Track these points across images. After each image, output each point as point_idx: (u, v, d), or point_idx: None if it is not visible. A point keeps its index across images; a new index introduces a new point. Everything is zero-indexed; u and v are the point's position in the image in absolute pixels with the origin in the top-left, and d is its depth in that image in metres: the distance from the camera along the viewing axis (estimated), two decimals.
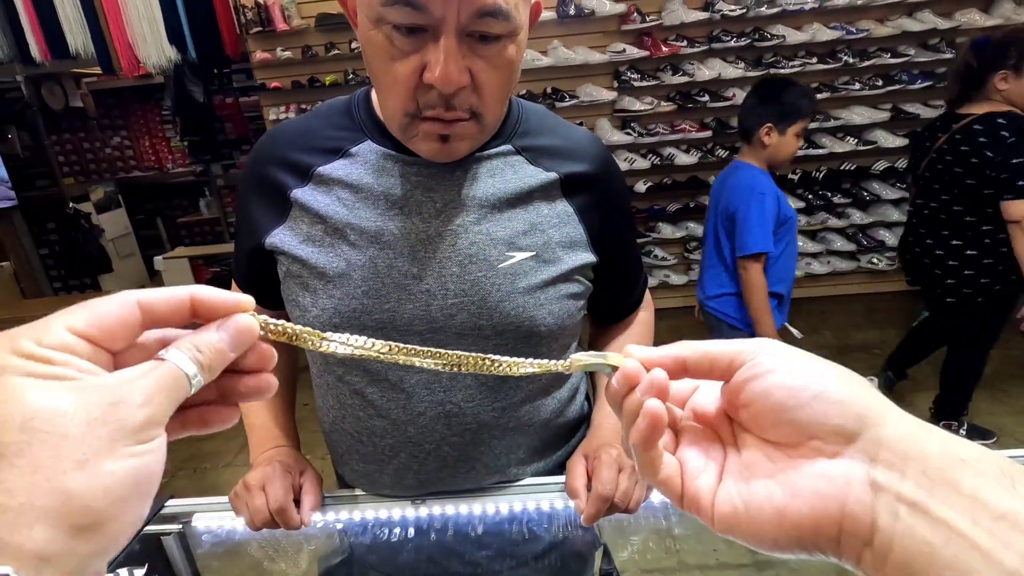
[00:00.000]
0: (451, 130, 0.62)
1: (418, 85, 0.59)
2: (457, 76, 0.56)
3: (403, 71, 0.58)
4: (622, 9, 3.33)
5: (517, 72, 0.64)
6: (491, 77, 0.60)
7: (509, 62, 0.60)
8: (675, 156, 3.55)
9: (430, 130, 0.62)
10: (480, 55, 0.58)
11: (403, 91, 0.59)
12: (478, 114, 0.62)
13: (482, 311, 0.69)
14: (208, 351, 0.27)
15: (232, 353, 0.28)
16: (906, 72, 3.43)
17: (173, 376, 0.26)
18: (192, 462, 2.69)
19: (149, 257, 5.53)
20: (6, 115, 4.97)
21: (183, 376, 0.26)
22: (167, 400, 0.25)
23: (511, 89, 0.64)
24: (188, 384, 0.26)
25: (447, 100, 0.59)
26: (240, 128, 5.15)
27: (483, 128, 0.65)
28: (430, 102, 0.60)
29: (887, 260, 3.73)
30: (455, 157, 0.67)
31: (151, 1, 3.35)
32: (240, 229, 0.80)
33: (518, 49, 0.61)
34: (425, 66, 0.57)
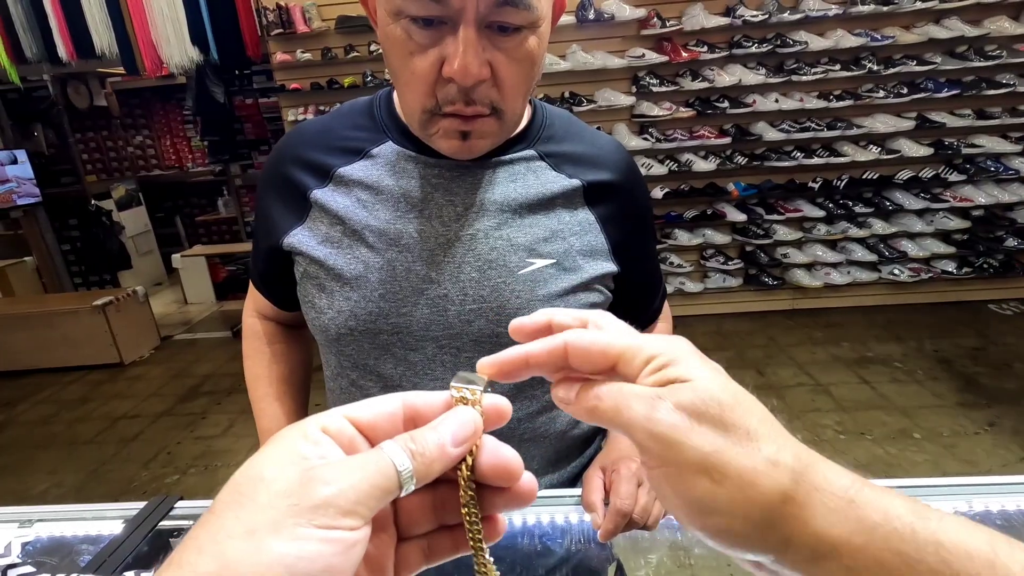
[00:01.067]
0: (471, 126, 0.61)
1: (437, 80, 0.57)
2: (476, 68, 0.55)
3: (422, 66, 0.57)
4: (642, 14, 3.31)
5: (539, 66, 0.61)
6: (511, 70, 0.58)
7: (530, 55, 0.58)
8: (693, 162, 3.52)
9: (450, 127, 0.61)
10: (500, 47, 0.56)
11: (422, 86, 0.58)
12: (498, 109, 0.60)
13: (500, 318, 0.67)
14: (423, 445, 0.25)
15: (453, 449, 0.25)
16: (932, 80, 3.37)
17: (380, 464, 0.24)
18: (203, 459, 2.70)
19: (167, 254, 5.62)
20: (33, 113, 5.08)
21: (391, 466, 0.24)
22: (368, 489, 0.23)
23: (532, 84, 0.62)
24: (396, 476, 0.24)
25: (466, 94, 0.57)
26: (259, 129, 5.21)
27: (503, 124, 0.63)
28: (449, 97, 0.58)
29: (909, 271, 3.65)
30: (476, 154, 0.65)
31: (175, 3, 3.40)
32: (258, 228, 0.79)
33: (539, 42, 0.59)
34: (444, 60, 0.56)
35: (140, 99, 6.37)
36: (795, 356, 3.24)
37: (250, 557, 0.20)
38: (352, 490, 0.22)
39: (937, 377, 2.90)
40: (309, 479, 0.22)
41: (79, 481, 2.61)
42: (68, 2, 3.41)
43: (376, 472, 0.23)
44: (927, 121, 3.40)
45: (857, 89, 3.42)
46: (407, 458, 0.24)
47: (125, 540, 0.74)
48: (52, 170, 5.17)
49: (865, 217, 3.63)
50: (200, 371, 3.70)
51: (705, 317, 3.82)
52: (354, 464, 0.23)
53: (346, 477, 0.22)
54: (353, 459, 0.24)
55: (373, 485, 0.23)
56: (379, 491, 0.23)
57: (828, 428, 2.55)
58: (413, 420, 0.27)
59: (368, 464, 0.23)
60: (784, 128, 3.45)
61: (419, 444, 0.25)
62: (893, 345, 3.26)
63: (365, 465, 0.23)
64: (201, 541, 0.21)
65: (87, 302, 3.76)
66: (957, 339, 3.27)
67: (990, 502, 0.71)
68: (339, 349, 0.72)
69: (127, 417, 3.17)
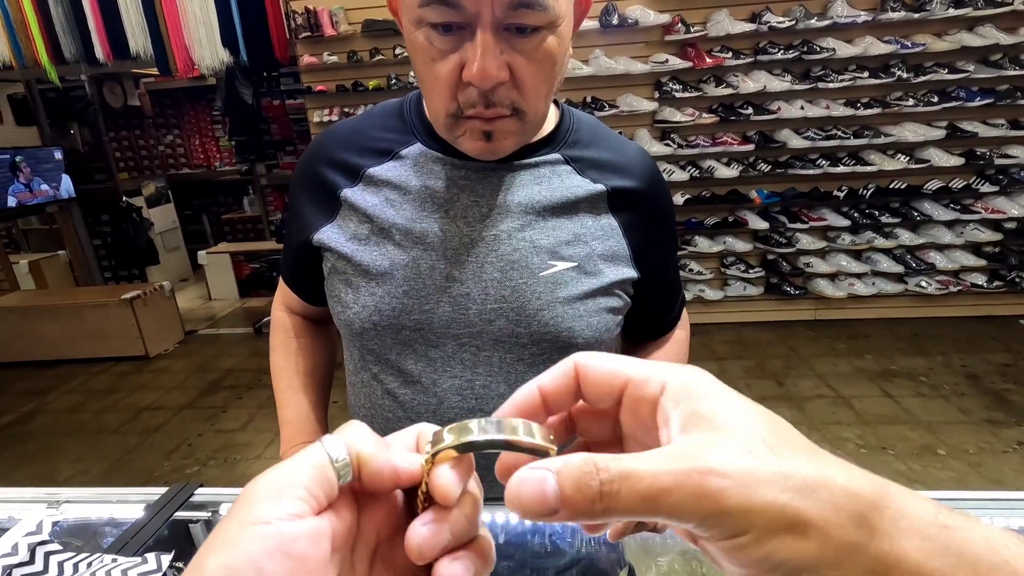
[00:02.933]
0: (493, 127, 0.62)
1: (458, 84, 0.59)
2: (495, 72, 0.56)
3: (443, 71, 0.58)
4: (666, 19, 3.30)
5: (560, 66, 0.61)
6: (531, 71, 0.58)
7: (550, 54, 0.58)
8: (715, 169, 3.49)
9: (473, 128, 0.62)
10: (519, 49, 0.57)
11: (444, 91, 0.59)
12: (520, 110, 0.61)
13: (520, 318, 0.68)
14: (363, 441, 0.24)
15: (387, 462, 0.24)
16: (964, 89, 3.29)
17: (312, 452, 0.23)
18: (223, 452, 2.76)
19: (194, 251, 5.75)
20: (70, 112, 5.25)
21: (323, 452, 0.23)
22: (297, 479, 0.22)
23: (554, 83, 0.63)
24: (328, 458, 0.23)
25: (486, 97, 0.58)
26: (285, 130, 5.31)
27: (526, 124, 0.63)
28: (470, 100, 0.59)
29: (937, 284, 3.56)
30: (500, 155, 0.66)
31: (208, 6, 3.50)
32: (290, 225, 0.81)
33: (559, 41, 0.59)
34: (464, 65, 0.57)
35: (172, 99, 6.54)
36: (816, 367, 3.18)
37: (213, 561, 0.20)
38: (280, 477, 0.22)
39: (964, 393, 2.82)
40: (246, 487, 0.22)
41: (104, 469, 2.68)
42: (106, 5, 3.53)
43: (306, 456, 0.23)
44: (958, 130, 3.32)
45: (886, 97, 3.36)
46: (339, 442, 0.23)
47: (147, 524, 0.76)
48: (86, 167, 5.34)
49: (892, 227, 3.55)
50: (222, 366, 3.78)
51: (724, 325, 3.77)
52: (289, 460, 0.23)
53: (276, 470, 0.22)
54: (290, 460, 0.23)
55: (303, 467, 0.22)
56: (311, 471, 0.22)
57: (849, 442, 2.50)
58: None
59: (302, 453, 0.23)
60: (809, 136, 3.40)
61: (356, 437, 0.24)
62: (918, 359, 3.19)
63: (299, 455, 0.23)
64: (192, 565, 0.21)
65: (116, 296, 3.87)
66: (986, 354, 3.18)
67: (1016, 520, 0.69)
68: (362, 344, 0.74)
69: (151, 408, 3.25)
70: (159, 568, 0.65)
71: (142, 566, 0.64)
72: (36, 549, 0.66)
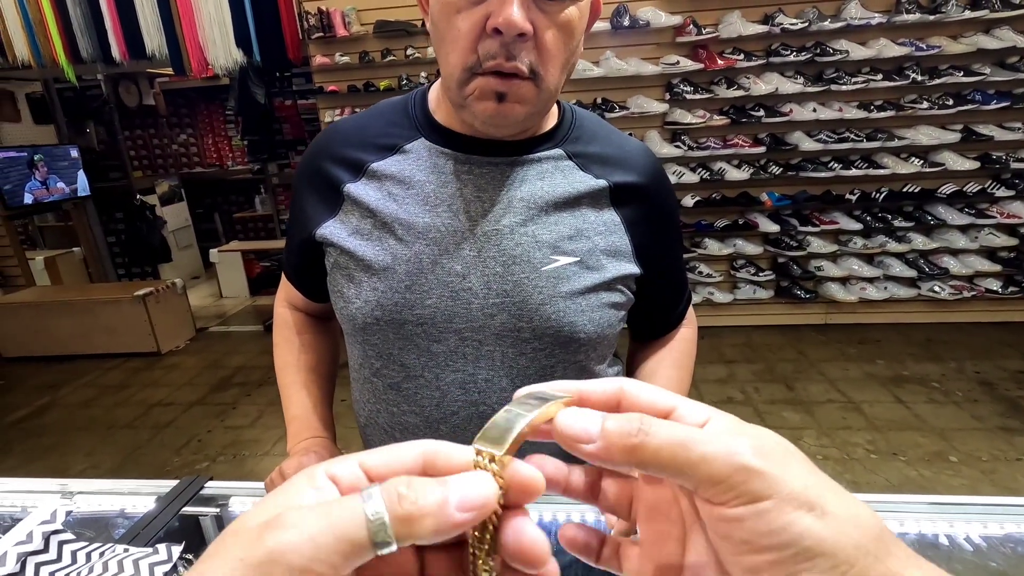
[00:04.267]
0: (508, 86, 0.61)
1: (480, 36, 0.60)
2: (521, 20, 0.57)
3: (466, 24, 0.59)
4: (678, 21, 3.29)
5: (577, 42, 0.63)
6: (552, 35, 0.60)
7: (570, 24, 0.60)
8: (726, 171, 3.47)
9: (486, 86, 0.62)
10: (543, 10, 0.59)
11: (465, 43, 0.60)
12: (537, 73, 0.61)
13: (522, 313, 0.69)
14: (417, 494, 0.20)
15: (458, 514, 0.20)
16: (980, 92, 3.25)
17: (350, 510, 0.19)
18: (233, 448, 2.78)
19: (205, 249, 5.81)
20: (87, 111, 5.33)
21: (362, 515, 0.19)
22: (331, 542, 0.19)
23: (569, 59, 0.64)
24: (364, 527, 0.19)
25: (508, 49, 0.59)
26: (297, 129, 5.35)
27: (540, 93, 0.63)
28: (491, 52, 0.60)
29: (951, 289, 3.52)
30: (510, 122, 0.65)
31: (222, 6, 3.53)
32: (293, 220, 0.82)
33: (580, 17, 0.61)
34: (488, 16, 0.58)
35: (186, 99, 6.62)
36: (826, 372, 3.15)
37: None
38: (309, 542, 0.18)
39: (977, 399, 2.78)
40: (267, 526, 0.19)
41: (115, 464, 2.72)
42: (123, 5, 3.58)
43: (341, 519, 0.19)
44: (974, 134, 3.28)
45: (900, 100, 3.33)
46: (382, 505, 0.20)
47: (157, 516, 0.77)
48: (102, 165, 5.41)
49: (905, 231, 3.52)
50: (232, 363, 3.81)
51: (734, 328, 3.75)
52: (322, 510, 0.19)
53: (306, 524, 0.19)
54: (325, 504, 0.20)
55: (338, 537, 0.19)
56: (345, 544, 0.19)
57: (859, 447, 2.48)
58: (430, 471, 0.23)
59: (336, 509, 0.19)
60: (821, 138, 3.38)
61: (413, 491, 0.20)
62: (931, 364, 3.15)
63: (332, 511, 0.19)
64: None
65: (129, 292, 3.92)
66: (1000, 361, 3.14)
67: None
68: (364, 338, 0.74)
69: (162, 404, 3.28)
70: (170, 559, 0.66)
71: (153, 556, 0.65)
72: (50, 538, 0.67)
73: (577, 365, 0.74)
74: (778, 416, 2.75)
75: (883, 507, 0.72)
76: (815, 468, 0.23)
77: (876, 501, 0.73)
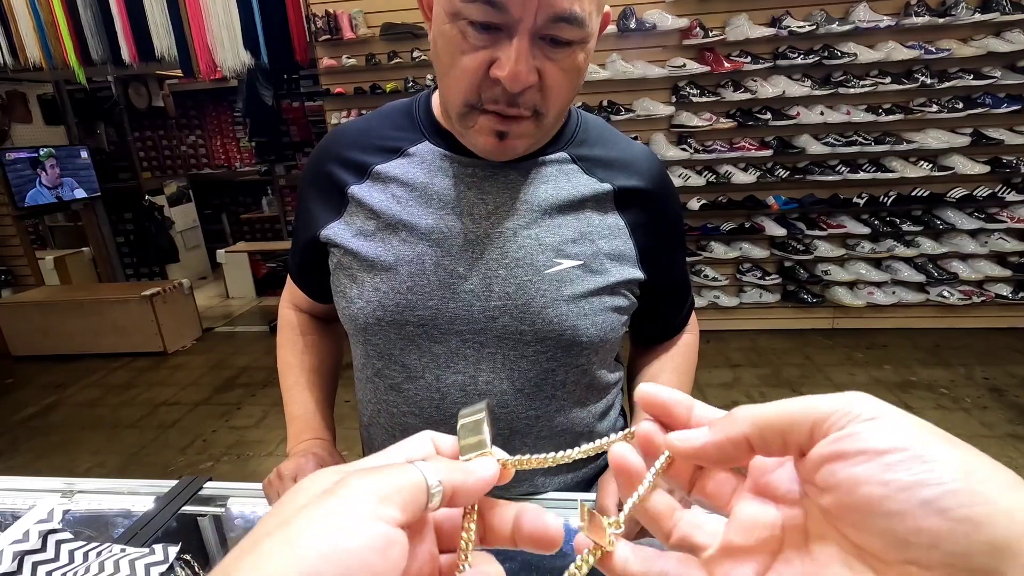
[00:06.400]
0: (509, 127, 0.62)
1: (484, 79, 0.59)
2: (526, 76, 0.57)
3: (471, 64, 0.59)
4: (684, 24, 3.28)
5: (583, 78, 0.64)
6: (558, 80, 0.60)
7: (577, 68, 0.61)
8: (732, 174, 3.46)
9: (487, 124, 0.62)
10: (550, 58, 0.58)
11: (468, 83, 0.60)
12: (540, 113, 0.62)
13: (525, 316, 0.68)
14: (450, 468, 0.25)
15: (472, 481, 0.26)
16: (990, 95, 3.22)
17: (409, 471, 0.24)
18: (237, 448, 2.79)
19: (213, 250, 5.85)
20: (97, 112, 5.38)
21: (419, 473, 0.24)
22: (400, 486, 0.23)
23: (574, 94, 0.65)
24: (424, 482, 0.23)
25: (511, 97, 0.59)
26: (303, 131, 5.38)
27: (542, 127, 0.64)
28: (494, 97, 0.60)
29: (960, 294, 3.48)
30: (510, 155, 0.66)
31: (231, 9, 3.56)
32: (298, 222, 0.82)
33: (587, 56, 0.61)
34: (493, 62, 0.58)
35: (194, 100, 6.67)
36: (833, 377, 3.12)
37: (284, 549, 0.19)
38: (385, 482, 0.22)
39: (987, 406, 2.75)
40: (342, 479, 0.22)
41: (120, 463, 2.73)
42: (133, 8, 3.61)
43: (406, 474, 0.23)
44: (984, 137, 3.25)
45: (908, 103, 3.30)
46: (434, 470, 0.24)
47: (155, 516, 0.77)
48: (111, 166, 5.46)
49: (913, 236, 3.48)
50: (238, 363, 3.83)
51: (740, 332, 3.73)
52: (385, 469, 0.23)
53: (378, 474, 0.23)
54: (384, 467, 0.24)
55: (403, 482, 0.23)
56: (410, 487, 0.23)
57: None
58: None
59: (398, 468, 0.24)
60: (829, 141, 3.36)
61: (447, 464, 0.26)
62: (939, 370, 3.12)
63: (395, 469, 0.24)
64: (243, 546, 0.21)
65: (136, 292, 3.95)
66: (1010, 367, 3.10)
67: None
68: (366, 339, 0.74)
69: (167, 404, 3.30)
70: (166, 559, 0.65)
71: (149, 557, 0.65)
72: (48, 537, 0.67)
73: (579, 369, 0.74)
74: None
75: None
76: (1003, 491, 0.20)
77: None
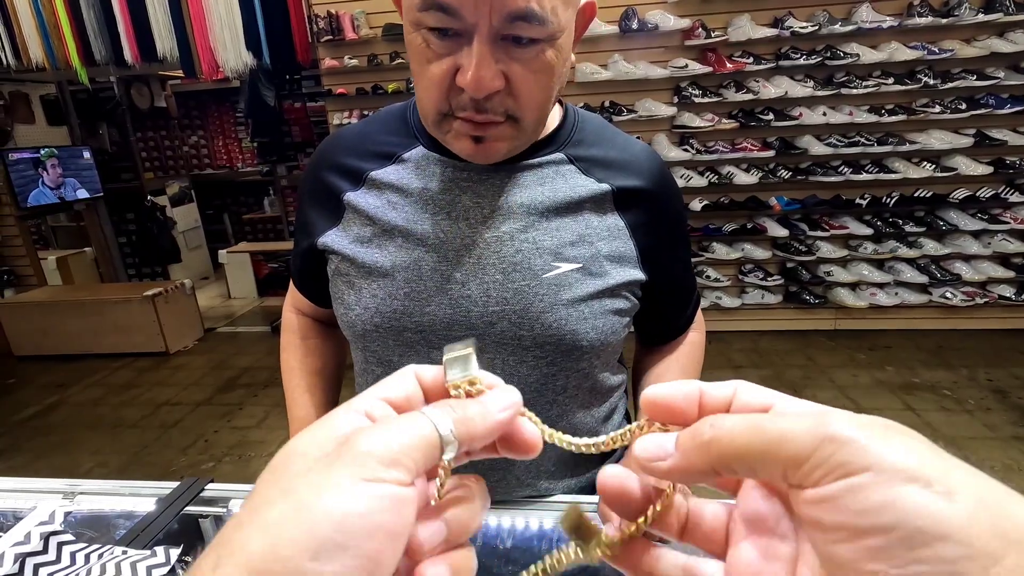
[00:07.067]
0: (484, 132, 0.61)
1: (451, 86, 0.58)
2: (488, 81, 0.55)
3: (437, 72, 0.58)
4: (687, 24, 3.27)
5: (559, 76, 0.61)
6: (528, 81, 0.58)
7: (547, 66, 0.58)
8: (734, 175, 3.45)
9: (461, 129, 0.61)
10: (516, 58, 0.57)
11: (437, 91, 0.59)
12: (515, 117, 0.61)
13: (523, 321, 0.68)
14: (463, 409, 0.24)
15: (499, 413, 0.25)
16: (994, 96, 3.21)
17: (419, 421, 0.23)
18: (238, 449, 2.79)
19: (215, 250, 5.85)
20: (99, 113, 5.39)
21: (430, 424, 0.23)
22: (409, 441, 0.22)
23: (553, 92, 0.62)
24: (436, 433, 0.23)
25: (478, 103, 0.58)
26: (305, 132, 5.38)
27: (521, 130, 0.63)
28: (462, 104, 0.59)
29: (963, 295, 3.47)
30: (493, 158, 0.65)
31: (233, 10, 3.56)
32: (298, 228, 0.82)
33: (558, 53, 0.59)
34: (459, 69, 0.57)
35: (197, 101, 6.68)
36: (835, 378, 3.12)
37: (292, 517, 0.19)
38: (393, 442, 0.21)
39: (990, 408, 2.74)
40: (346, 440, 0.21)
41: (122, 463, 2.73)
42: (135, 8, 3.62)
43: (415, 427, 0.22)
44: (987, 138, 3.24)
45: (911, 104, 3.29)
46: (447, 418, 0.23)
47: (157, 517, 0.77)
48: (114, 166, 5.47)
49: (916, 237, 3.48)
50: (239, 363, 3.83)
51: (741, 333, 3.72)
52: (392, 424, 0.22)
53: (385, 433, 0.22)
54: (390, 421, 0.23)
55: (413, 438, 0.22)
56: (421, 443, 0.22)
57: None
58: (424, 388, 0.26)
59: (406, 422, 0.23)
60: (831, 142, 3.35)
61: (459, 409, 0.24)
62: (942, 372, 3.11)
63: (403, 423, 0.23)
64: (241, 517, 0.20)
65: (138, 292, 3.95)
66: (1014, 369, 3.09)
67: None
68: (365, 345, 0.74)
69: (169, 404, 3.30)
70: (167, 562, 0.65)
71: (151, 559, 0.65)
72: (49, 538, 0.67)
73: (580, 373, 0.73)
74: None
75: None
76: (940, 450, 0.19)
77: None
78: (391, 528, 0.20)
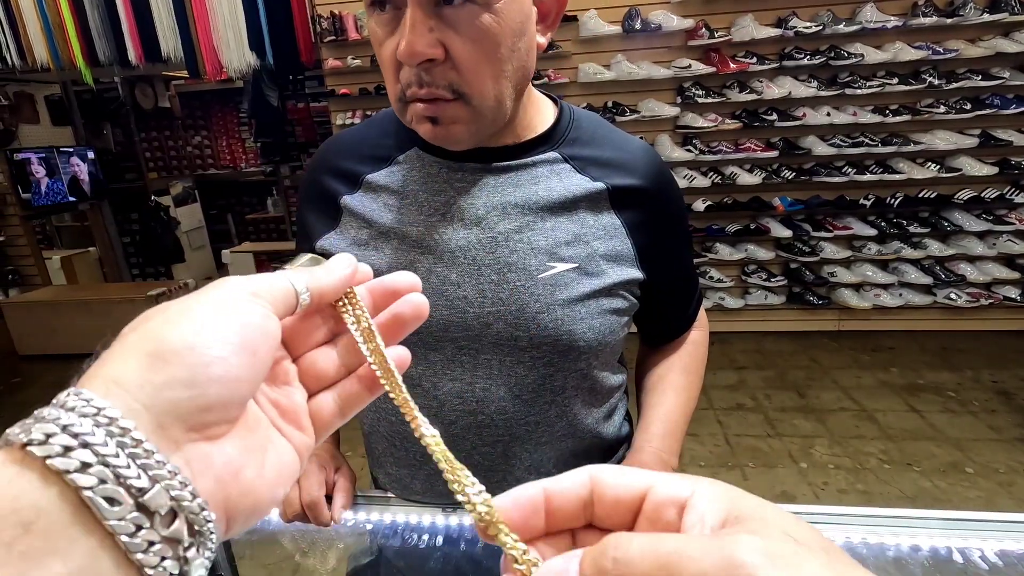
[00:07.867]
0: (436, 112, 0.60)
1: (398, 65, 0.58)
2: (421, 47, 0.54)
3: (387, 54, 0.58)
4: (690, 24, 3.27)
5: (506, 48, 0.58)
6: (466, 49, 0.56)
7: (485, 32, 0.56)
8: (737, 175, 3.44)
9: (416, 111, 0.60)
10: (451, 25, 0.55)
11: (389, 73, 0.59)
12: (462, 93, 0.58)
13: (519, 322, 0.67)
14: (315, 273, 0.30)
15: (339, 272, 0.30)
16: (999, 96, 3.19)
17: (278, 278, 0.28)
18: None
19: (218, 250, 5.86)
20: (103, 113, 5.40)
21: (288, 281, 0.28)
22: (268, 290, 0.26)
23: (501, 67, 0.59)
24: (289, 281, 0.28)
25: (419, 76, 0.57)
26: (308, 132, 5.39)
27: (475, 111, 0.60)
28: (407, 80, 0.58)
29: (968, 296, 3.45)
30: (455, 142, 0.63)
31: (237, 10, 3.57)
32: (299, 231, 0.83)
33: (498, 20, 0.56)
34: None
35: (200, 101, 6.69)
36: (839, 379, 3.11)
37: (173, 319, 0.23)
38: (258, 283, 0.26)
39: (995, 410, 2.73)
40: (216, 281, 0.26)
41: None
42: (139, 9, 3.63)
43: (275, 279, 0.27)
44: (992, 139, 3.23)
45: (916, 104, 3.28)
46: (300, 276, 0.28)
47: None
48: (118, 166, 5.48)
49: (920, 237, 3.46)
50: None
51: (744, 334, 3.71)
52: (255, 276, 0.27)
53: (249, 278, 0.26)
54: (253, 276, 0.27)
55: (274, 284, 0.27)
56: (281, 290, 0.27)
57: (872, 456, 2.43)
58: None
59: (268, 276, 0.27)
60: (835, 143, 3.34)
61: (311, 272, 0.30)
62: (947, 373, 3.09)
63: (265, 276, 0.27)
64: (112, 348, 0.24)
65: (142, 292, 3.97)
66: (1019, 370, 3.07)
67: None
68: None
69: None
70: None
71: None
72: None
73: (578, 373, 0.72)
74: (789, 424, 2.71)
75: (893, 522, 0.70)
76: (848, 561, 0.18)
77: (884, 516, 0.71)
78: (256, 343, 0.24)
